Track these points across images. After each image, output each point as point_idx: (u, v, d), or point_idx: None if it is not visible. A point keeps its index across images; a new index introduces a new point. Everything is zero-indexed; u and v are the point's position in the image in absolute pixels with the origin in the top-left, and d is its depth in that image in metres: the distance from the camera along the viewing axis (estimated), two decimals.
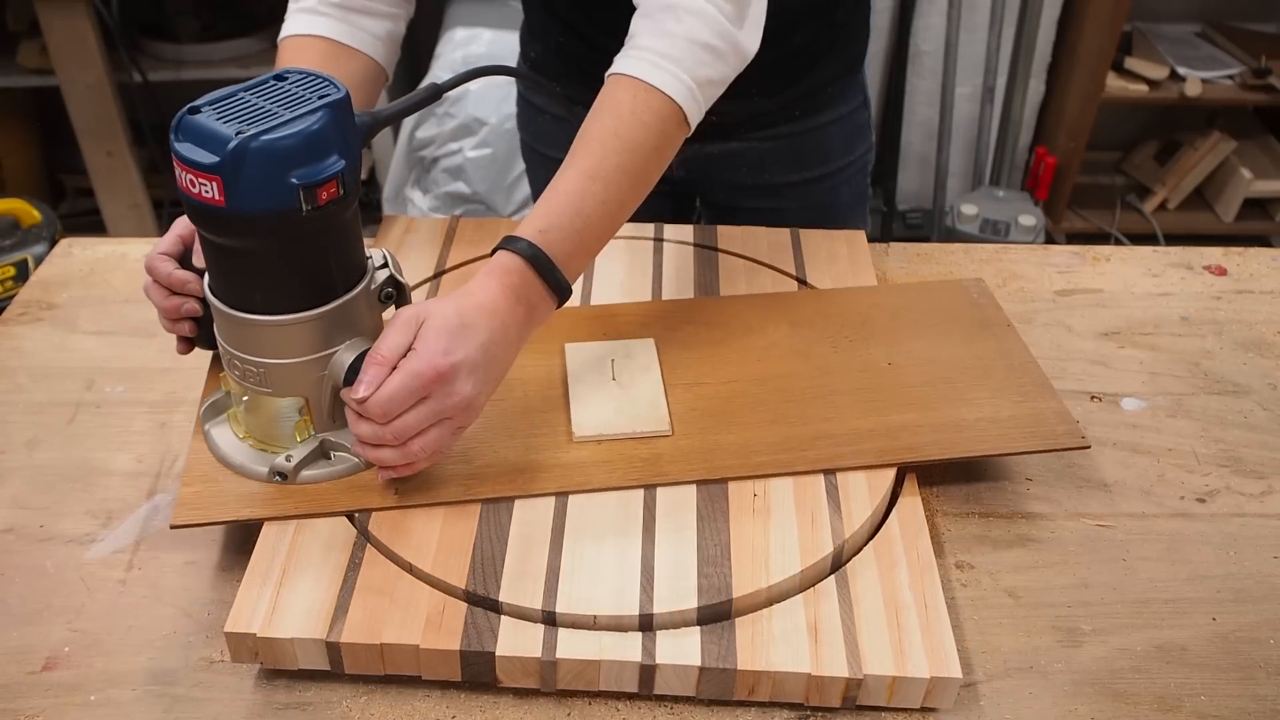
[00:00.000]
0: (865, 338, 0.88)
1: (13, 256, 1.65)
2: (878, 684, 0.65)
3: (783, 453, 0.77)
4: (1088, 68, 2.44)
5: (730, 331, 0.89)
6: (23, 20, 2.35)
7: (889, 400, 0.82)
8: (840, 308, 0.92)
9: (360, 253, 0.73)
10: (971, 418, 0.80)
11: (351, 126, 0.66)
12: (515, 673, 0.66)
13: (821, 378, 0.84)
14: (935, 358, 0.86)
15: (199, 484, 0.75)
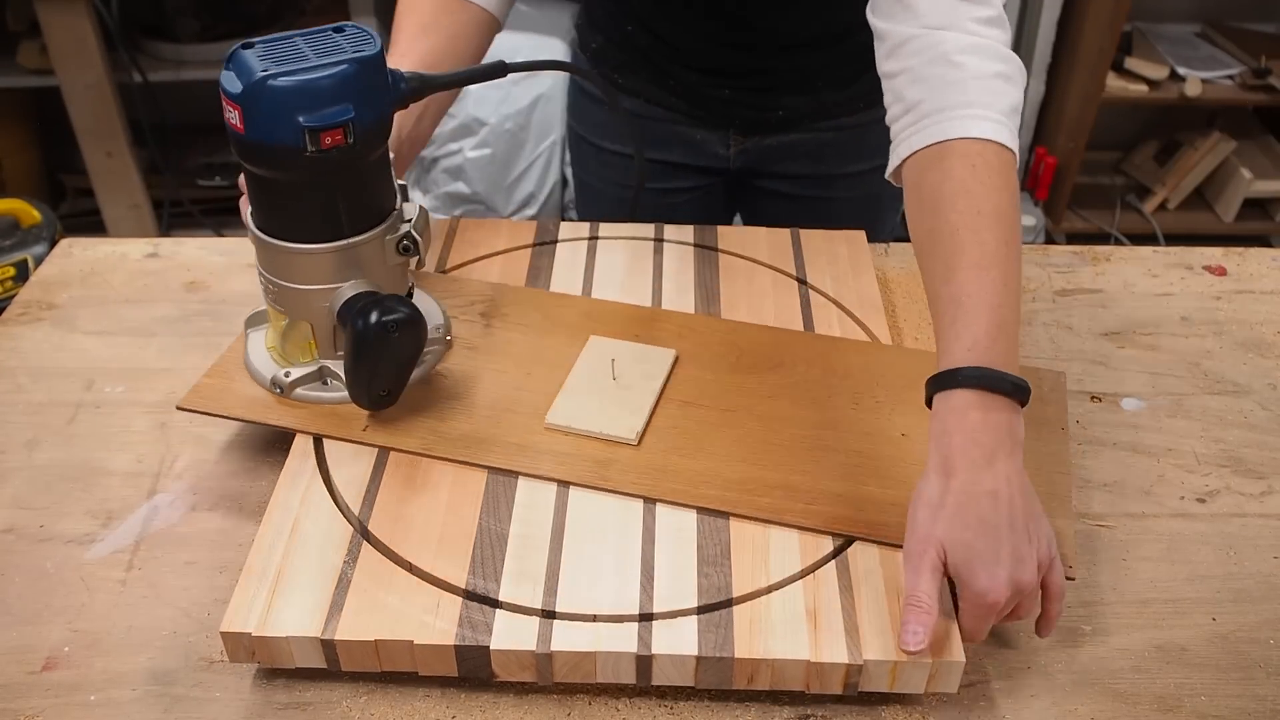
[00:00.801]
0: (897, 402, 0.81)
1: (13, 257, 1.65)
2: (879, 669, 0.64)
3: (732, 492, 0.74)
4: (1088, 68, 2.44)
5: (759, 361, 0.86)
6: (23, 20, 2.35)
7: (878, 471, 0.75)
8: (891, 365, 0.85)
9: (379, 201, 0.76)
10: None
11: (378, 83, 0.71)
12: (511, 666, 0.66)
13: (821, 430, 0.79)
14: None
15: (218, 379, 0.83)
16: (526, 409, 0.81)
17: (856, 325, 0.93)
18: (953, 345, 0.66)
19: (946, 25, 0.72)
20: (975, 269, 0.66)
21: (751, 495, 0.74)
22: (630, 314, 0.92)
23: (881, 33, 0.77)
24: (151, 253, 1.09)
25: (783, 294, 0.96)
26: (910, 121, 0.74)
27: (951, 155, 0.69)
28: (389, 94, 0.73)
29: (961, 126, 0.69)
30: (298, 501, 0.75)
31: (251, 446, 0.86)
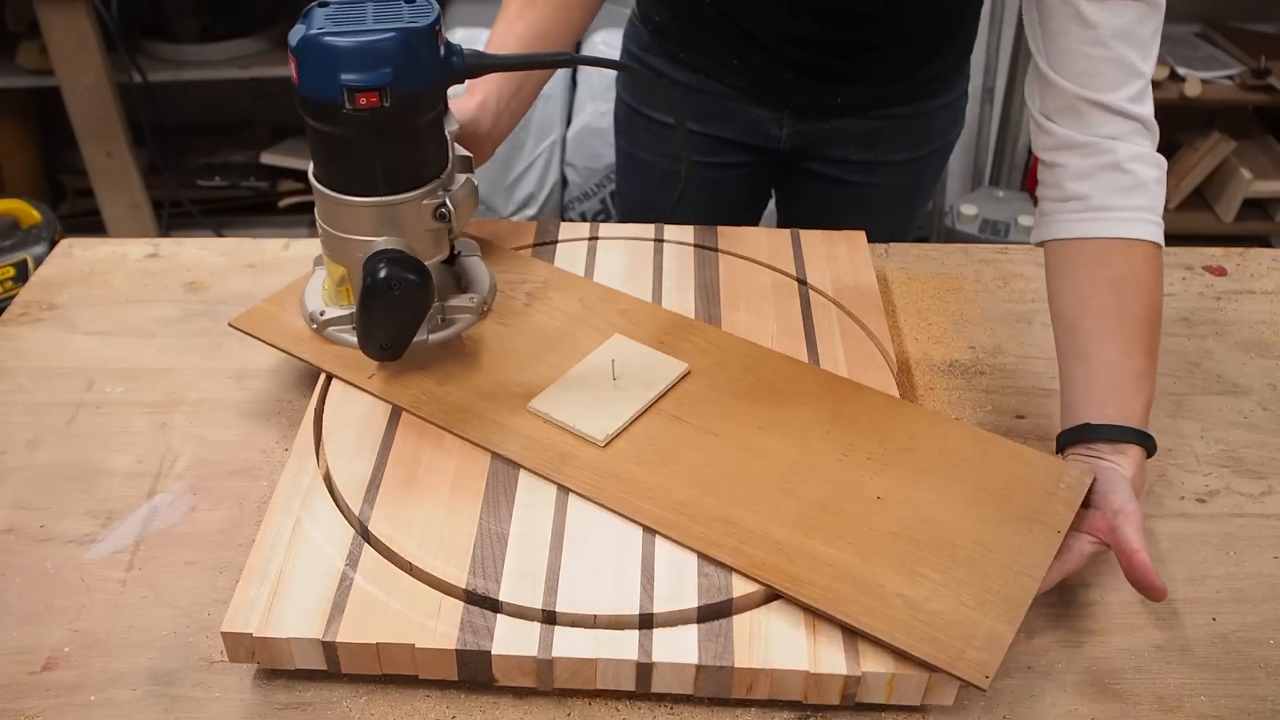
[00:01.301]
0: (889, 463, 0.76)
1: (12, 257, 1.65)
2: (876, 681, 0.65)
3: (672, 513, 0.72)
4: None
5: (769, 392, 0.82)
6: (23, 20, 2.35)
7: (832, 528, 0.71)
8: (904, 423, 0.79)
9: (418, 165, 0.79)
10: (893, 589, 0.66)
11: (424, 54, 0.74)
12: (512, 672, 0.66)
13: (796, 473, 0.75)
14: (937, 519, 0.72)
15: (274, 306, 0.90)
16: (522, 390, 0.82)
17: (856, 325, 0.93)
18: (1138, 408, 0.77)
19: (1118, 137, 0.81)
20: (1151, 356, 0.79)
21: (688, 520, 0.71)
22: (667, 320, 0.90)
23: (1047, 129, 0.84)
24: (151, 253, 1.09)
25: (783, 294, 0.96)
26: (1079, 209, 0.82)
27: (1136, 252, 0.80)
28: (438, 66, 0.76)
29: (1142, 230, 0.80)
30: (299, 502, 0.75)
31: (252, 446, 0.86)
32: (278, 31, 2.48)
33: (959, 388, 0.93)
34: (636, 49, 1.21)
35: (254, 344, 0.97)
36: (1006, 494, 0.73)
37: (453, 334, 0.86)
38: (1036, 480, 0.74)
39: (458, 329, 0.87)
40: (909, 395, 0.91)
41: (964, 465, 0.75)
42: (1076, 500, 0.73)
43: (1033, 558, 0.69)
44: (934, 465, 0.75)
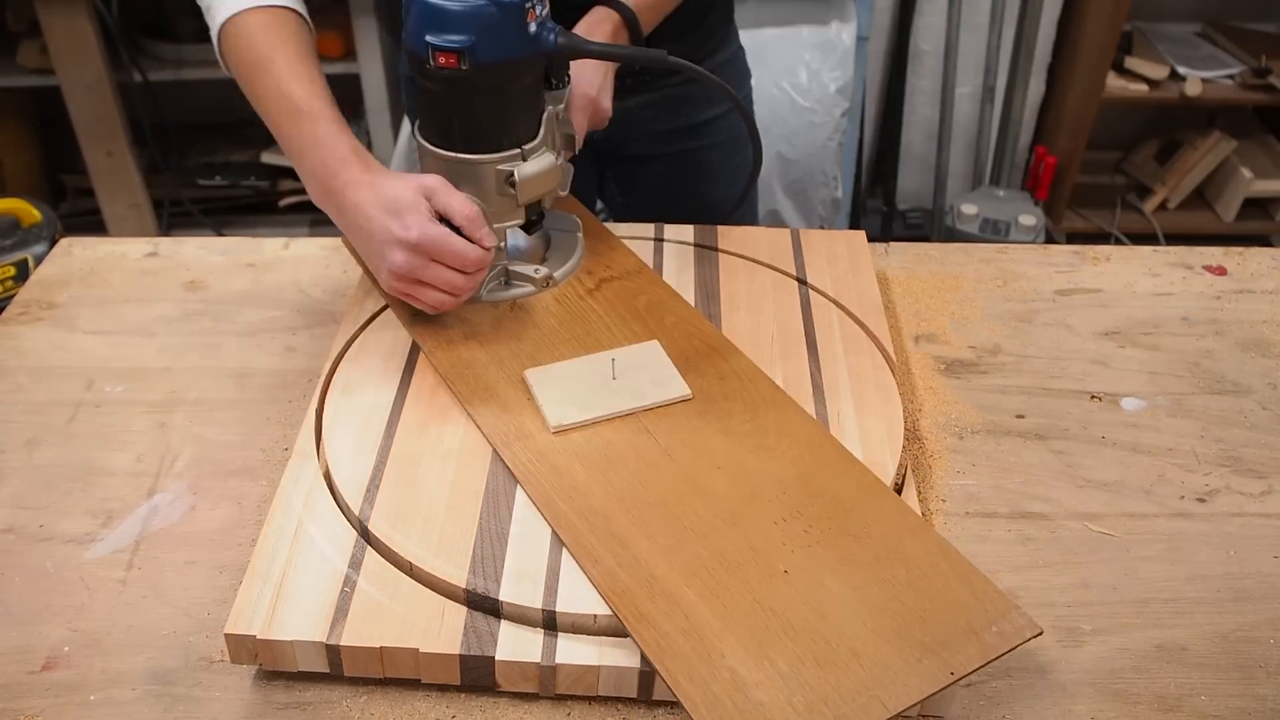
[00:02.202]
0: (822, 543, 0.70)
1: (13, 256, 1.65)
2: None
3: (579, 518, 0.72)
4: (1088, 67, 2.44)
5: (754, 437, 0.78)
6: (23, 20, 2.35)
7: (717, 583, 0.67)
8: (868, 512, 0.72)
9: (496, 131, 0.84)
10: (730, 663, 0.63)
11: (510, 28, 0.78)
12: (514, 677, 0.66)
13: (717, 520, 0.71)
14: (830, 613, 0.65)
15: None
16: (533, 365, 0.84)
17: (856, 325, 0.93)
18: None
19: None
20: None
21: (586, 529, 0.71)
22: (710, 341, 0.87)
23: None
24: (151, 252, 1.09)
25: (783, 294, 0.96)
26: None
27: None
28: (524, 41, 0.79)
29: None
30: (301, 503, 0.75)
31: (252, 446, 0.86)
32: None
33: (959, 387, 0.93)
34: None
35: (254, 344, 0.97)
36: (925, 616, 0.65)
37: (505, 297, 0.91)
38: (969, 614, 0.66)
39: (513, 294, 0.91)
40: (909, 395, 0.91)
41: (901, 572, 0.68)
42: (999, 649, 0.64)
43: (903, 690, 0.61)
44: (868, 561, 0.69)
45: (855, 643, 0.64)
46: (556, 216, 0.99)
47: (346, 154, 0.83)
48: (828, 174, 2.30)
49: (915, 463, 0.84)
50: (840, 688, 0.61)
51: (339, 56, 2.41)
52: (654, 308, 0.91)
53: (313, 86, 0.86)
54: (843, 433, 0.81)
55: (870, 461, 0.78)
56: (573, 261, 0.96)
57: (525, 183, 0.85)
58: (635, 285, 0.94)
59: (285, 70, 0.86)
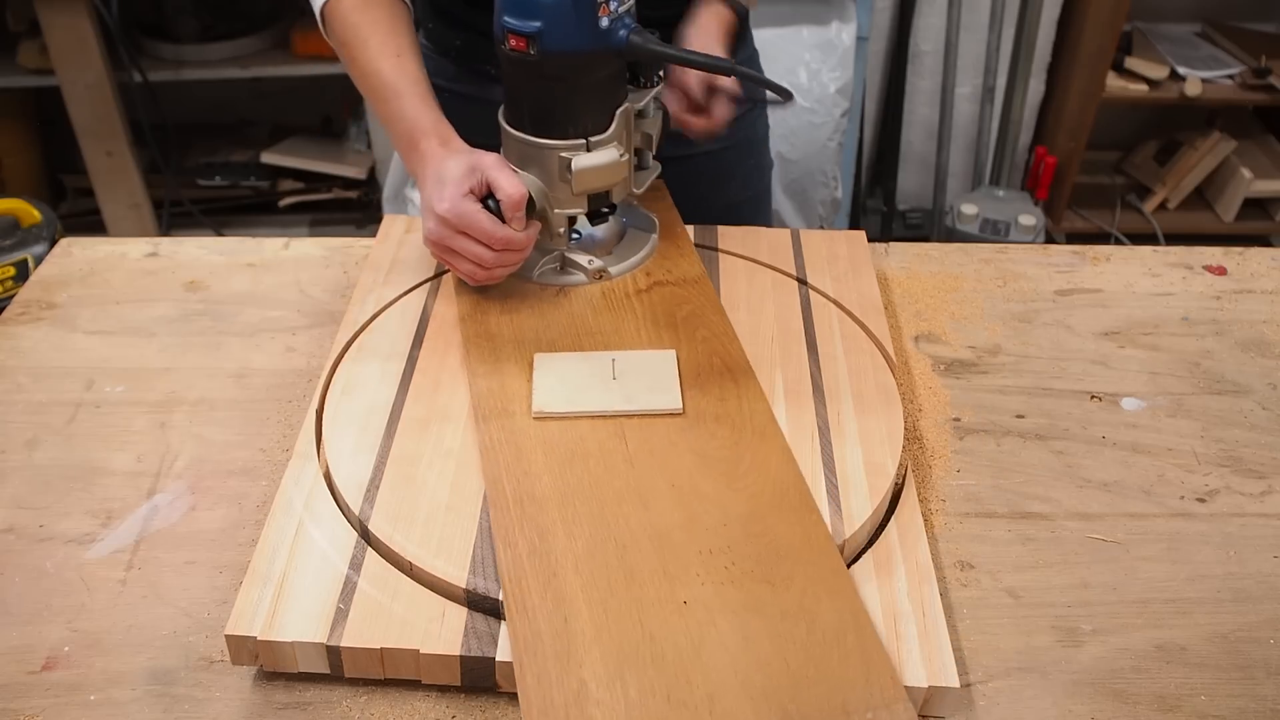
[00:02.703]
0: (734, 584, 0.67)
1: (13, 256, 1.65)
2: None
3: (513, 501, 0.72)
4: (1088, 67, 2.44)
5: (724, 466, 0.76)
6: (23, 20, 2.35)
7: (610, 595, 0.66)
8: (801, 566, 0.68)
9: (562, 120, 0.86)
10: (582, 676, 0.62)
11: (580, 19, 0.80)
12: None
13: (642, 536, 0.70)
14: (705, 655, 0.63)
15: None
16: (546, 349, 0.86)
17: (856, 325, 0.93)
18: None
19: None
20: None
21: (515, 514, 0.71)
22: (729, 362, 0.85)
23: None
24: (151, 252, 1.09)
25: (783, 294, 0.96)
26: None
27: None
28: (593, 35, 0.81)
29: None
30: (301, 504, 0.75)
31: (252, 446, 0.86)
32: (278, 31, 2.48)
33: (959, 387, 0.93)
34: (442, 80, 1.14)
35: (254, 344, 0.97)
36: (803, 683, 0.62)
37: (555, 281, 0.94)
38: (850, 693, 0.61)
39: (563, 280, 0.94)
40: (909, 395, 0.91)
41: (802, 632, 0.64)
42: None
43: None
44: (774, 613, 0.65)
45: (717, 690, 0.61)
46: (635, 214, 1.00)
47: (427, 129, 0.88)
48: (828, 174, 2.30)
49: (915, 463, 0.84)
50: None
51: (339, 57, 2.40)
52: (691, 319, 0.90)
53: (400, 62, 0.90)
54: (843, 433, 0.81)
55: (870, 462, 0.78)
56: (634, 260, 0.96)
57: (581, 173, 0.87)
58: (685, 294, 0.93)
59: (376, 49, 0.91)
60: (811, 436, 0.80)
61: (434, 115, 0.89)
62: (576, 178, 0.87)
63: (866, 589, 0.70)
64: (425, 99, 0.90)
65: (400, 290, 0.96)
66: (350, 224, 2.67)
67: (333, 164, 2.61)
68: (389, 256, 1.01)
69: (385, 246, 1.02)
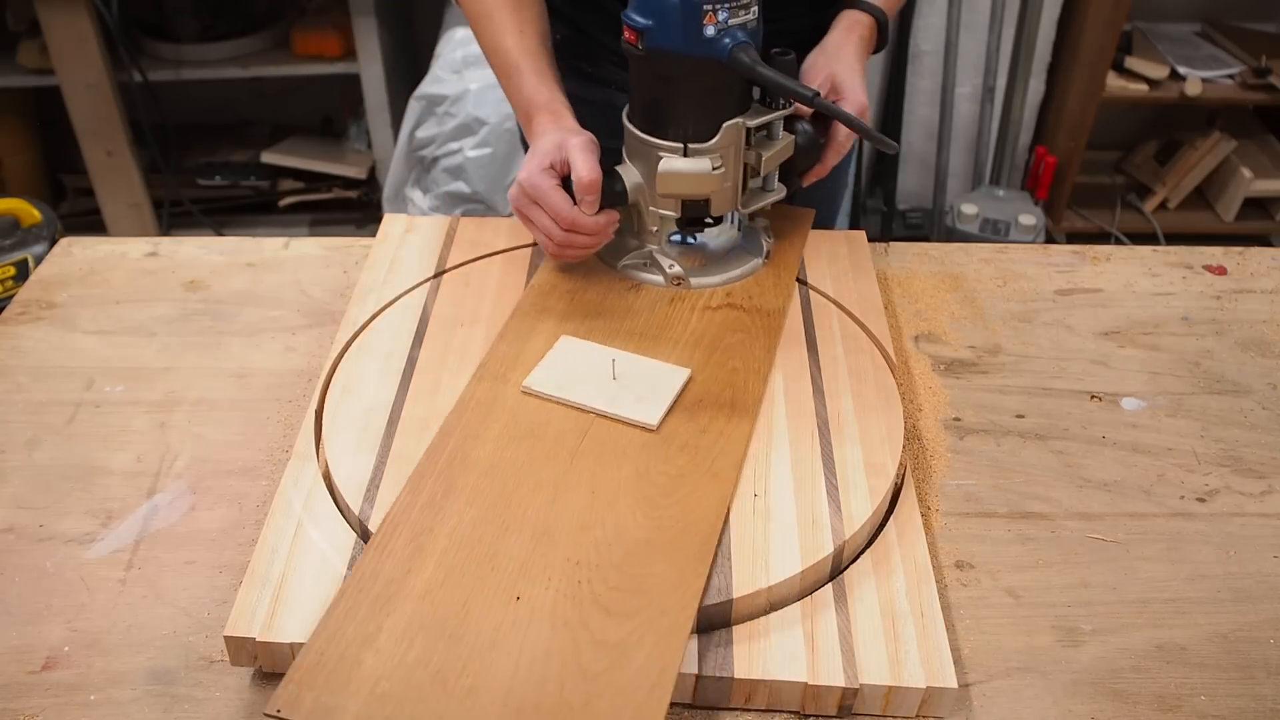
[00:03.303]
0: (579, 601, 0.66)
1: (13, 256, 1.65)
2: (874, 693, 0.65)
3: (445, 460, 0.75)
4: (1088, 67, 2.44)
5: (655, 493, 0.73)
6: (23, 20, 2.35)
7: (460, 570, 0.67)
8: (641, 605, 0.66)
9: (664, 120, 0.87)
10: (375, 626, 0.63)
11: (683, 22, 0.81)
12: None
13: (526, 522, 0.71)
14: (502, 653, 0.63)
15: None
16: (583, 335, 0.87)
17: (857, 326, 0.93)
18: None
19: None
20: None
21: (439, 468, 0.74)
22: (739, 394, 0.82)
23: None
24: (151, 252, 1.09)
25: None
26: None
27: None
28: (695, 41, 0.81)
29: None
30: (300, 504, 0.75)
31: (252, 446, 0.86)
32: (278, 31, 2.48)
33: (959, 387, 0.93)
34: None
35: (254, 343, 0.97)
36: (560, 712, 0.60)
37: (633, 275, 0.95)
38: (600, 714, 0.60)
39: (641, 277, 0.95)
40: (909, 395, 0.91)
41: (603, 666, 0.62)
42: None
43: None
44: (591, 639, 0.64)
45: (479, 686, 0.61)
46: (751, 236, 0.99)
47: (541, 104, 0.91)
48: None
49: (915, 463, 0.84)
50: (423, 703, 0.60)
51: (339, 56, 2.41)
52: (734, 348, 0.87)
53: (522, 39, 0.93)
54: (842, 433, 0.81)
55: (870, 462, 0.78)
56: (719, 278, 0.95)
57: (665, 176, 0.88)
58: (747, 323, 0.90)
59: (500, 24, 0.94)
60: (811, 436, 0.80)
61: (549, 92, 0.92)
62: (660, 180, 0.88)
63: (865, 589, 0.70)
64: (543, 75, 0.92)
65: (400, 290, 0.96)
66: (350, 224, 2.68)
67: (333, 164, 2.61)
68: (389, 256, 1.01)
69: (385, 246, 1.02)
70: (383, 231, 1.05)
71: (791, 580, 0.69)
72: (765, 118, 0.89)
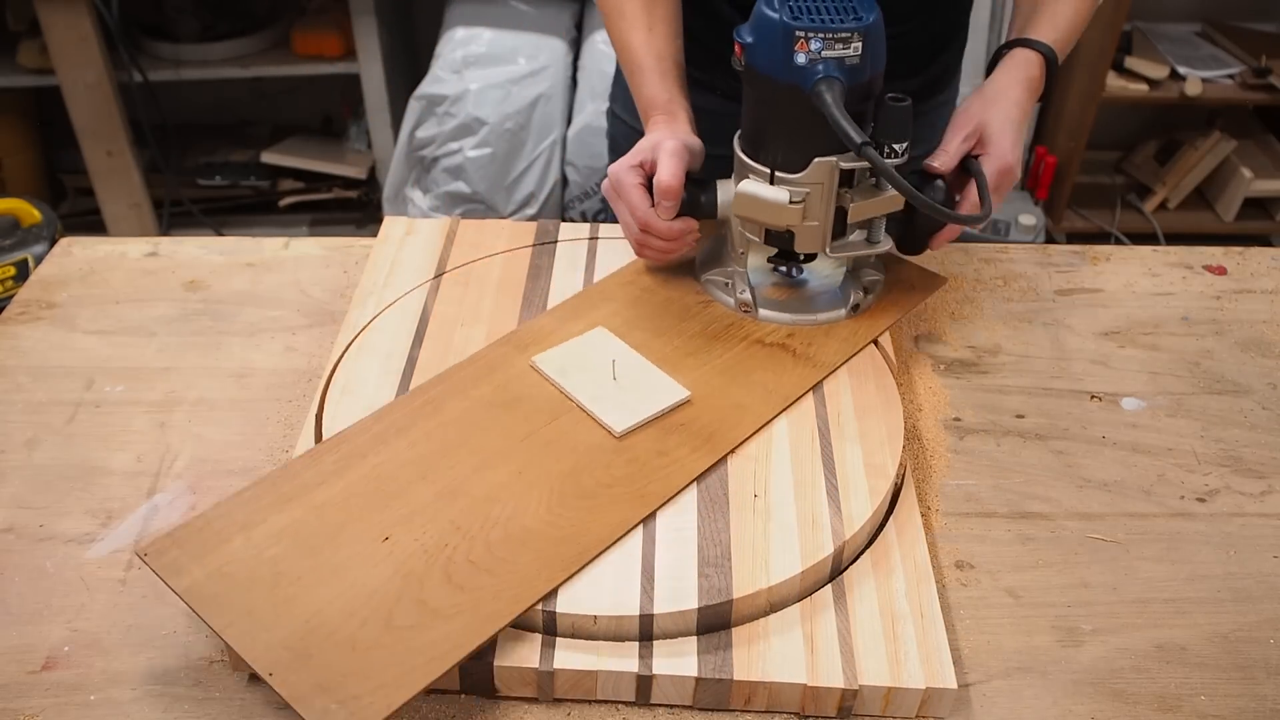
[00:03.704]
0: (453, 563, 0.68)
1: (13, 256, 1.65)
2: (873, 694, 0.65)
3: (407, 398, 0.81)
4: (1088, 67, 2.44)
5: (573, 498, 0.73)
6: (23, 20, 2.35)
7: (361, 508, 0.71)
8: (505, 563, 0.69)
9: (758, 142, 0.85)
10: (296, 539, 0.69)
11: (775, 46, 0.79)
12: (514, 683, 0.66)
13: (439, 488, 0.73)
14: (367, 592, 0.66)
15: None
16: (630, 336, 0.88)
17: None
18: (1048, 31, 0.92)
19: None
20: (1089, 6, 0.95)
21: (400, 412, 0.79)
22: (724, 430, 0.80)
23: None
24: (151, 252, 1.09)
25: None
26: None
27: None
28: (785, 66, 0.79)
29: None
30: None
31: (252, 446, 0.86)
32: (278, 31, 2.48)
33: (959, 387, 0.93)
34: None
35: (254, 344, 0.97)
36: (331, 646, 0.63)
37: (710, 291, 0.94)
38: (350, 678, 0.62)
39: (713, 292, 0.94)
40: (909, 395, 0.91)
41: (410, 618, 0.65)
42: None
43: (261, 648, 0.63)
44: (419, 598, 0.66)
45: (301, 596, 0.66)
46: (849, 284, 0.93)
47: (660, 104, 0.92)
48: None
49: (915, 463, 0.84)
50: (246, 594, 0.66)
51: (339, 56, 2.41)
52: (753, 387, 0.84)
53: (650, 36, 0.94)
54: (842, 433, 0.81)
55: (870, 462, 0.78)
56: (789, 318, 0.91)
57: (739, 197, 0.86)
58: (787, 367, 0.86)
59: (629, 21, 0.94)
60: (811, 436, 0.80)
61: (669, 93, 0.92)
62: (735, 200, 0.87)
63: (864, 589, 0.70)
64: (665, 75, 0.93)
65: (401, 293, 0.96)
66: (350, 224, 2.68)
67: (333, 164, 2.61)
68: (389, 259, 1.01)
69: (386, 248, 1.02)
70: (383, 234, 1.05)
71: (791, 581, 0.69)
72: (859, 162, 0.83)
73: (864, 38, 0.78)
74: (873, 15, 0.79)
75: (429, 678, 0.61)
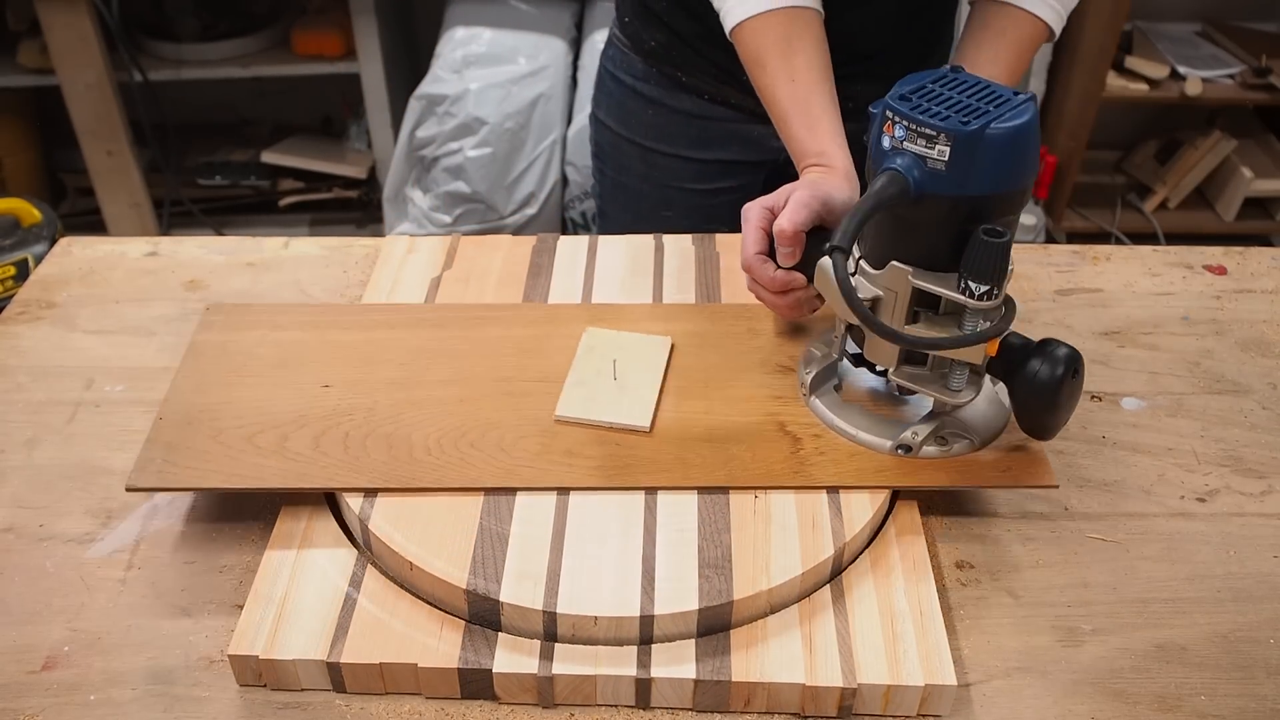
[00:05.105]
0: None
1: (13, 256, 1.65)
2: (873, 693, 0.65)
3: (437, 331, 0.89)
4: (1088, 67, 2.44)
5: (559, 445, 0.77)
6: (23, 20, 2.35)
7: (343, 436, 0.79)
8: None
9: (886, 247, 0.74)
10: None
11: (876, 128, 0.73)
12: (513, 689, 0.66)
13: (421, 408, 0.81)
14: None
15: None
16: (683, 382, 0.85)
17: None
18: None
19: None
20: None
21: (458, 330, 0.86)
22: (650, 475, 0.77)
23: None
24: (151, 251, 1.09)
25: None
26: None
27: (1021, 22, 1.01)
28: (876, 150, 0.73)
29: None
30: (302, 524, 0.75)
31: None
32: (278, 30, 2.48)
33: None
34: (628, 76, 1.16)
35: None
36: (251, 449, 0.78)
37: (805, 355, 0.85)
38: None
39: (802, 360, 0.85)
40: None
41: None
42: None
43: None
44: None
45: (229, 425, 0.80)
46: (943, 425, 0.80)
47: (811, 155, 0.90)
48: None
49: None
50: (200, 401, 0.81)
51: (339, 56, 2.41)
52: (744, 464, 0.77)
53: (793, 88, 0.92)
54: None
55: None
56: (836, 420, 0.80)
57: (819, 271, 0.78)
58: (787, 463, 0.77)
59: (772, 73, 0.93)
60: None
61: (818, 144, 0.89)
62: (816, 271, 0.79)
63: (864, 589, 0.70)
64: (813, 128, 0.90)
65: None
66: (350, 223, 2.68)
67: (333, 163, 2.61)
68: (391, 277, 0.99)
69: (387, 268, 1.01)
70: (385, 253, 1.04)
71: (792, 583, 0.69)
72: (931, 285, 0.72)
73: (953, 142, 0.67)
74: (979, 127, 0.67)
75: (240, 485, 0.75)
